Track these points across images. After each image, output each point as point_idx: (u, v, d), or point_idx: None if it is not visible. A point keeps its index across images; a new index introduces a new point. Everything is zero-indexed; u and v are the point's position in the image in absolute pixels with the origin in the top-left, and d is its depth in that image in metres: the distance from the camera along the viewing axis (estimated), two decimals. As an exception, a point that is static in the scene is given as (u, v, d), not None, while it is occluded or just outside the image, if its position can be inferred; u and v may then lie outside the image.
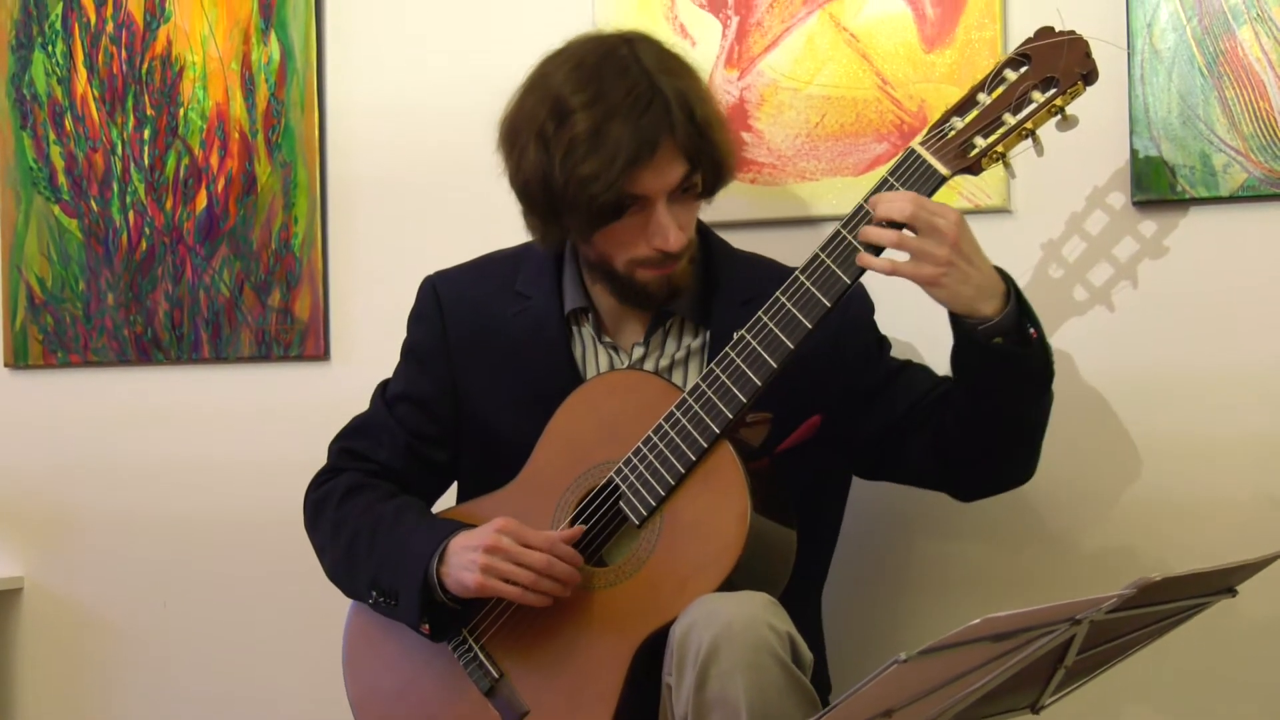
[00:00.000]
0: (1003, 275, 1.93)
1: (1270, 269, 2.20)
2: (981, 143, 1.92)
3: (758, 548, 1.89)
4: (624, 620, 1.94)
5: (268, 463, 2.82)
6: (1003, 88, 1.93)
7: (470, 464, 2.21)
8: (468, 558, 1.97)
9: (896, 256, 1.90)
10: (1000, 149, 1.92)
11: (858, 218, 1.92)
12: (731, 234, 2.23)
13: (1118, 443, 2.26)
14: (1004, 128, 1.92)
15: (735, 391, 1.93)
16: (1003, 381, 1.93)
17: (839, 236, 1.93)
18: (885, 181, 1.93)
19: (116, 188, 2.92)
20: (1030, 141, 1.94)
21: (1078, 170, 2.24)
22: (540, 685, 2.00)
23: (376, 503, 2.14)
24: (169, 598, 2.92)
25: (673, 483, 1.94)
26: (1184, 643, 1.92)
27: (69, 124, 2.96)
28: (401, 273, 2.39)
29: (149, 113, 2.89)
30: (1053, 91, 1.91)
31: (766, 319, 1.94)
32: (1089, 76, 1.92)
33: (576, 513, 2.02)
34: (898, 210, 1.88)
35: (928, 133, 1.95)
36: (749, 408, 1.94)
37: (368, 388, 2.27)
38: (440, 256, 2.29)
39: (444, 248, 2.38)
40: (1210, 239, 2.21)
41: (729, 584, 1.88)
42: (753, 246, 2.23)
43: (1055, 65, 1.91)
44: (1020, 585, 2.32)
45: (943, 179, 1.92)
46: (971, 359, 1.94)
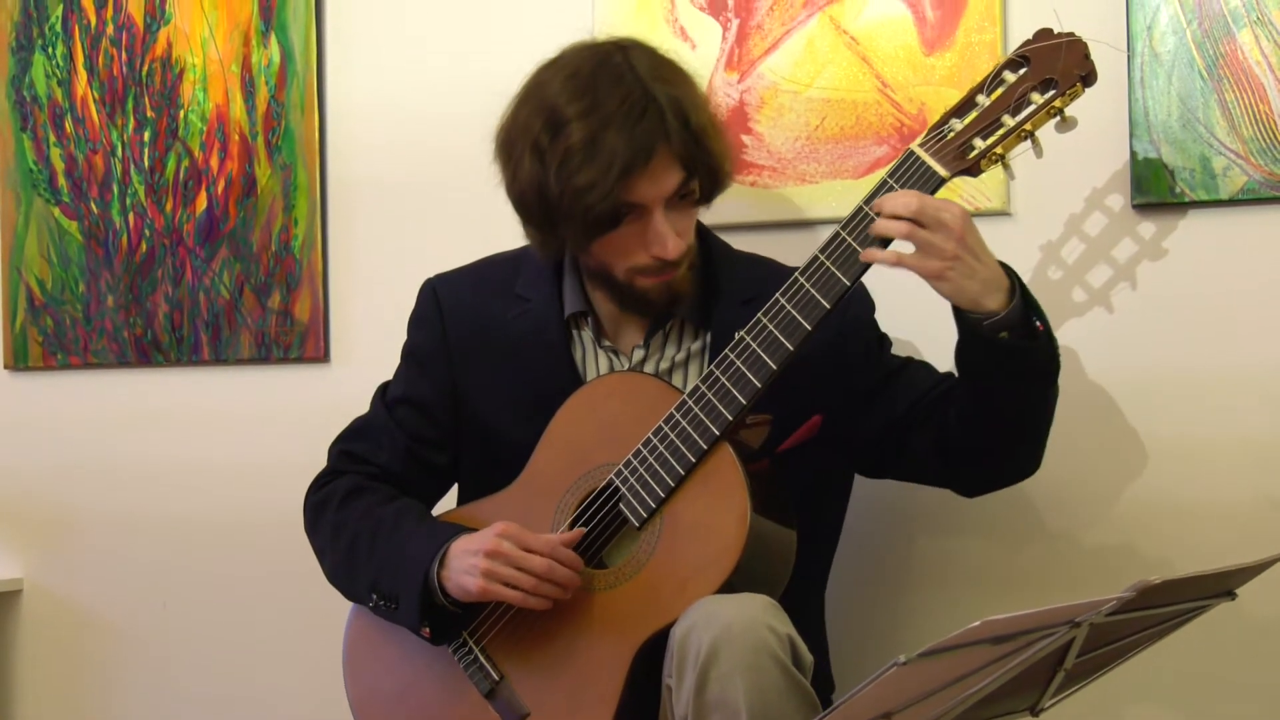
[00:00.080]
0: (1007, 270, 1.93)
1: (1270, 272, 2.19)
2: (981, 144, 1.92)
3: (758, 549, 1.89)
4: (624, 622, 1.94)
5: (267, 464, 2.82)
6: (1002, 89, 1.93)
7: (470, 466, 2.21)
8: (469, 562, 1.97)
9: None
10: (999, 150, 1.92)
11: (857, 219, 1.92)
12: (731, 236, 2.23)
13: (1118, 443, 2.26)
14: (1003, 129, 1.92)
15: (735, 393, 1.93)
16: (1009, 376, 1.92)
17: (839, 238, 1.92)
18: (885, 183, 1.93)
19: (116, 190, 2.92)
20: (1029, 143, 1.94)
21: (1077, 173, 2.24)
22: (540, 687, 2.00)
23: (376, 506, 2.14)
24: (169, 598, 2.92)
25: (672, 484, 1.94)
26: (1184, 644, 1.91)
27: (69, 126, 2.96)
28: (401, 275, 2.39)
29: (149, 115, 2.89)
30: (1052, 93, 1.91)
31: (766, 320, 1.94)
32: (1088, 78, 1.92)
33: (576, 515, 2.01)
34: (903, 205, 1.88)
35: (927, 135, 1.95)
36: (749, 409, 1.94)
37: (368, 390, 2.27)
38: (440, 258, 2.29)
39: (444, 250, 2.38)
40: (1210, 242, 2.21)
41: (729, 585, 1.88)
42: (752, 249, 2.23)
43: (1054, 67, 1.91)
44: (1021, 584, 2.32)
45: (942, 180, 1.92)
46: (977, 354, 1.93)
